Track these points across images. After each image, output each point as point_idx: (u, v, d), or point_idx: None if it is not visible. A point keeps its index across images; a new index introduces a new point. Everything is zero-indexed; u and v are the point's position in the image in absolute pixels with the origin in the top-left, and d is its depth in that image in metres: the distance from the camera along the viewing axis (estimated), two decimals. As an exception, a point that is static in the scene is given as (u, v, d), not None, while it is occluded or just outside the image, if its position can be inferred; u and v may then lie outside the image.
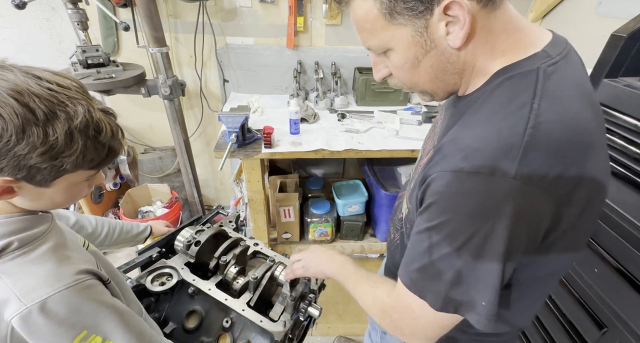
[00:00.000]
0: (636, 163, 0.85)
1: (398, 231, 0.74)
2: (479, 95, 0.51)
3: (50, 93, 0.47)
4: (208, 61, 1.97)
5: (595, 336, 0.92)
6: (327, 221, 1.93)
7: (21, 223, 0.51)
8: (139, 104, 2.09)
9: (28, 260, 0.49)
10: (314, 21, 1.86)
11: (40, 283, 0.48)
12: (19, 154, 0.45)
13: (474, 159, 0.44)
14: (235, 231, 0.98)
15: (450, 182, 0.46)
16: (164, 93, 1.64)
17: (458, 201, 0.46)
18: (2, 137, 0.44)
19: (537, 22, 1.82)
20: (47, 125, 0.46)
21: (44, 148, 0.46)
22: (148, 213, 2.13)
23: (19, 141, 0.44)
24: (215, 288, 0.79)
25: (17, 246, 0.49)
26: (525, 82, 0.46)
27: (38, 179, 0.49)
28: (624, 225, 0.86)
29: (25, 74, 0.47)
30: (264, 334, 0.75)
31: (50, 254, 0.51)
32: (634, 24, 0.90)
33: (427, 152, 0.63)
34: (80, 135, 0.49)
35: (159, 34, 1.55)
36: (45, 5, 1.76)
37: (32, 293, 0.47)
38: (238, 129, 1.41)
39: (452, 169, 0.46)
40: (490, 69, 0.50)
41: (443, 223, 0.48)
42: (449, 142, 0.50)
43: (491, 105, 0.48)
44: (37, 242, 0.51)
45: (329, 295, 1.91)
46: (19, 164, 0.46)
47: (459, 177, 0.45)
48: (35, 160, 0.46)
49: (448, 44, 0.48)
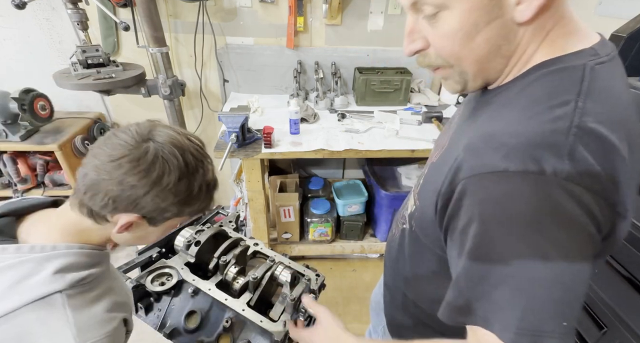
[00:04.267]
0: (636, 163, 0.85)
1: (399, 227, 0.72)
2: (511, 87, 0.46)
3: (197, 150, 0.55)
4: (208, 61, 1.97)
5: (595, 336, 0.92)
6: (327, 221, 1.93)
7: (97, 258, 0.56)
8: (139, 104, 2.09)
9: (91, 299, 0.53)
10: (314, 21, 1.86)
11: (94, 325, 0.51)
12: (165, 198, 0.52)
13: (516, 158, 0.39)
14: (235, 231, 0.98)
15: (494, 185, 0.40)
16: (164, 93, 1.64)
17: (513, 207, 0.39)
18: (163, 182, 0.51)
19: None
20: (192, 178, 0.54)
21: (182, 197, 0.54)
22: (148, 213, 2.13)
23: (172, 188, 0.52)
24: (215, 288, 0.79)
25: (89, 281, 0.53)
26: (570, 78, 0.42)
27: (157, 219, 0.56)
28: (624, 225, 0.86)
29: (176, 130, 0.55)
30: (264, 334, 0.75)
31: (105, 295, 0.55)
32: (634, 24, 0.90)
33: (440, 147, 0.58)
34: (207, 190, 0.57)
35: (159, 34, 1.55)
36: (45, 5, 1.76)
37: (87, 334, 0.49)
38: (238, 129, 1.41)
39: (492, 169, 0.40)
40: (532, 58, 0.45)
41: (507, 239, 0.39)
42: (479, 139, 0.44)
43: (528, 98, 0.43)
44: (101, 279, 0.56)
45: (329, 295, 1.92)
46: (159, 206, 0.52)
47: (504, 178, 0.39)
48: (169, 205, 0.53)
49: (513, 16, 0.41)
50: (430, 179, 0.54)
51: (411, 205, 0.63)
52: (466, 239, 0.42)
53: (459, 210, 0.44)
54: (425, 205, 0.55)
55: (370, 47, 1.95)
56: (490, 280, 0.40)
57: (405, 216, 0.67)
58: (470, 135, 0.46)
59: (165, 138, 0.52)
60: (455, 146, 0.50)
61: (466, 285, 0.43)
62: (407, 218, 0.65)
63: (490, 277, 0.40)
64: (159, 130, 0.53)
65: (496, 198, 0.40)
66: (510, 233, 0.39)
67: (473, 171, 0.42)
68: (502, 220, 0.40)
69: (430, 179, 0.55)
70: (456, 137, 0.53)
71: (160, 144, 0.51)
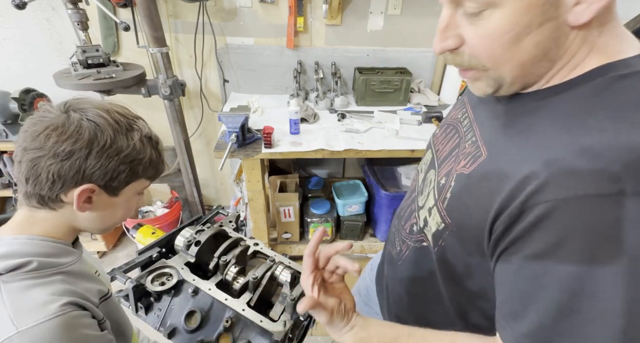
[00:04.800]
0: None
1: (408, 244, 0.65)
2: (568, 91, 0.42)
3: (125, 111, 0.57)
4: (208, 61, 1.97)
5: (595, 336, 0.92)
6: (327, 221, 1.93)
7: (50, 249, 0.53)
8: (139, 104, 2.09)
9: (33, 284, 0.50)
10: (314, 21, 1.86)
11: (33, 309, 0.48)
12: (108, 157, 0.52)
13: (629, 178, 0.33)
14: (235, 231, 0.98)
15: (601, 210, 0.34)
16: (164, 93, 1.64)
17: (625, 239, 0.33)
18: (99, 141, 0.50)
19: (537, 22, 1.82)
20: (128, 133, 0.55)
21: (126, 152, 0.54)
22: (148, 213, 2.13)
23: (111, 145, 0.52)
24: (215, 288, 0.79)
25: (34, 267, 0.50)
26: (637, 83, 0.38)
27: (114, 186, 0.55)
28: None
29: (101, 101, 0.56)
30: (264, 334, 0.75)
31: (53, 283, 0.52)
32: (634, 24, 0.90)
33: (468, 155, 0.52)
34: (149, 143, 0.58)
35: (159, 34, 1.55)
36: (45, 5, 1.76)
37: (27, 317, 0.47)
38: (238, 129, 1.42)
39: (601, 192, 0.34)
40: (584, 62, 0.41)
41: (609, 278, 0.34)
42: (572, 154, 0.37)
43: (617, 105, 0.38)
44: (54, 271, 0.53)
45: (329, 295, 1.91)
46: (107, 169, 0.52)
47: (615, 203, 0.34)
48: (118, 164, 0.53)
49: (567, 18, 0.37)
50: (472, 195, 0.48)
51: (435, 222, 0.55)
52: (544, 267, 0.38)
53: (531, 234, 0.38)
54: (465, 223, 0.49)
55: (370, 47, 1.95)
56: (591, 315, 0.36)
57: (426, 233, 0.59)
58: (547, 148, 0.39)
59: (86, 105, 0.52)
60: (508, 156, 0.44)
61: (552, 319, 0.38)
62: (428, 236, 0.58)
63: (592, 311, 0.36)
64: (77, 101, 0.53)
65: (602, 226, 0.34)
66: (616, 273, 0.34)
67: (569, 192, 0.35)
68: (607, 252, 0.34)
69: (470, 194, 0.48)
70: (500, 147, 0.47)
71: (81, 110, 0.51)
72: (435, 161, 0.63)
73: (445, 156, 0.59)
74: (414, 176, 0.73)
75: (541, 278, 0.38)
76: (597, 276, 0.35)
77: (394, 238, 0.73)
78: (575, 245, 0.36)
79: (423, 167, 0.68)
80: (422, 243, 0.60)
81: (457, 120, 0.62)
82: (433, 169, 0.63)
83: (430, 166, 0.65)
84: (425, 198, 0.61)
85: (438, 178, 0.57)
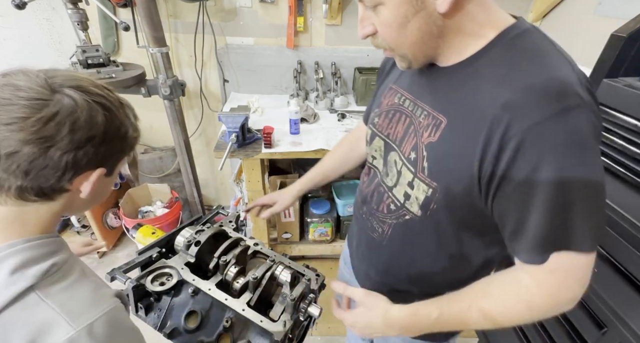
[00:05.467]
0: (636, 163, 0.85)
1: (390, 223, 0.71)
2: (484, 56, 0.53)
3: (104, 86, 0.52)
4: (208, 61, 1.97)
5: (595, 336, 0.92)
6: (327, 221, 1.93)
7: (56, 244, 0.51)
8: (139, 104, 2.08)
9: (69, 284, 0.49)
10: (314, 21, 1.86)
11: (85, 306, 0.47)
12: (120, 139, 0.51)
13: (566, 96, 0.46)
14: (235, 231, 0.98)
15: (558, 125, 0.45)
16: (164, 93, 1.64)
17: (579, 138, 0.46)
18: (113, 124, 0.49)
19: (537, 22, 1.82)
20: (123, 111, 0.52)
21: (130, 132, 0.53)
22: (148, 213, 2.13)
23: (120, 127, 0.50)
24: (215, 288, 0.79)
25: (57, 268, 0.48)
26: (537, 35, 0.53)
27: (112, 168, 0.53)
28: (624, 225, 0.86)
29: (74, 71, 0.51)
30: (264, 334, 0.75)
31: (83, 278, 0.51)
32: (634, 24, 0.90)
33: (429, 126, 0.59)
34: (135, 119, 0.56)
35: (159, 34, 1.55)
36: (45, 5, 1.76)
37: (81, 317, 0.46)
38: (238, 129, 1.42)
39: (552, 112, 0.45)
40: (483, 33, 0.54)
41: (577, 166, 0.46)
42: (519, 94, 0.48)
43: (525, 55, 0.51)
44: (68, 266, 0.51)
45: (329, 295, 1.91)
46: (115, 151, 0.51)
47: (563, 117, 0.45)
48: (124, 145, 0.52)
49: (435, 7, 0.50)
50: (449, 155, 0.56)
51: (422, 191, 0.61)
52: (535, 184, 0.47)
53: (515, 163, 0.48)
54: (452, 182, 0.57)
55: (370, 47, 1.93)
56: (572, 207, 0.47)
57: (407, 207, 0.65)
58: (497, 96, 0.50)
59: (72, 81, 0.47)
60: (467, 115, 0.54)
61: (550, 220, 0.48)
62: (413, 208, 0.64)
63: (573, 205, 0.47)
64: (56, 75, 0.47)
65: (564, 136, 0.45)
66: (584, 163, 0.46)
67: (531, 121, 0.46)
68: (575, 152, 0.46)
69: (447, 155, 0.56)
70: (455, 110, 0.56)
71: (75, 88, 0.46)
72: (391, 144, 0.70)
73: (402, 136, 0.66)
74: (367, 164, 0.81)
75: (533, 196, 0.48)
76: (570, 177, 0.46)
77: (370, 224, 0.77)
78: (550, 159, 0.46)
79: (377, 154, 0.75)
80: (405, 217, 0.67)
81: (397, 105, 0.69)
82: (393, 151, 0.69)
83: (387, 150, 0.71)
84: (395, 178, 0.67)
85: (406, 156, 0.64)
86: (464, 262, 0.69)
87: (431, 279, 0.73)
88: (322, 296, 0.89)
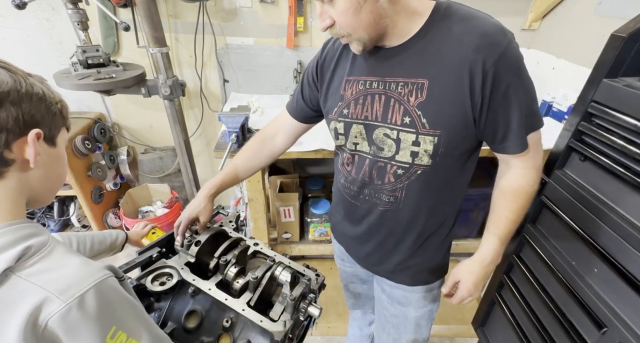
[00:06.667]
0: (636, 163, 0.85)
1: (402, 186, 0.79)
2: (435, 23, 0.68)
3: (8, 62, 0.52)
4: (208, 61, 1.97)
5: (595, 336, 0.92)
6: (327, 221, 1.93)
7: (29, 229, 0.50)
8: (139, 104, 2.10)
9: (51, 262, 0.48)
10: (314, 21, 1.87)
11: (74, 280, 0.46)
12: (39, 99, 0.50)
13: (505, 33, 0.65)
14: (235, 231, 0.98)
15: (511, 51, 0.65)
16: (164, 93, 1.64)
17: (519, 57, 0.67)
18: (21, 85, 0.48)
19: (537, 22, 1.82)
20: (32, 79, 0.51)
21: (47, 95, 0.52)
22: (148, 213, 2.13)
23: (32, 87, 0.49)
24: (215, 288, 0.79)
25: (35, 251, 0.47)
26: (459, 5, 0.69)
27: (52, 134, 0.53)
28: (624, 225, 0.86)
29: None
30: (264, 334, 0.75)
31: (68, 255, 0.50)
32: (634, 24, 0.89)
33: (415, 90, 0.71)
34: (49, 88, 0.54)
35: (159, 34, 1.55)
36: (45, 5, 1.76)
37: (69, 291, 0.45)
38: (238, 129, 1.42)
39: (506, 44, 0.64)
40: (421, 11, 0.68)
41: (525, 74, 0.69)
42: (480, 39, 0.64)
43: (462, 17, 0.67)
44: (49, 247, 0.50)
45: (329, 295, 1.92)
46: (42, 112, 0.50)
47: (511, 46, 0.65)
48: (47, 107, 0.51)
49: None
50: (442, 104, 0.69)
51: (429, 142, 0.72)
52: (510, 93, 0.67)
53: (495, 85, 0.66)
54: (452, 123, 0.70)
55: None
56: (531, 101, 0.71)
57: (417, 163, 0.75)
58: (464, 47, 0.65)
59: None
60: (446, 68, 0.67)
61: (528, 108, 0.70)
62: (423, 161, 0.75)
63: (531, 99, 0.71)
64: None
65: (515, 58, 0.66)
66: (525, 71, 0.69)
67: (497, 51, 0.64)
68: (521, 65, 0.67)
69: (440, 105, 0.69)
70: (430, 71, 0.69)
71: None
72: (372, 124, 0.77)
73: (384, 111, 0.75)
74: (346, 154, 0.86)
75: (511, 103, 0.68)
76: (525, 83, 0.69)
77: (379, 200, 0.84)
78: (514, 75, 0.66)
79: (358, 140, 0.81)
80: (417, 173, 0.77)
81: (363, 90, 0.77)
82: (380, 128, 0.76)
83: (369, 131, 0.78)
84: (394, 145, 0.75)
85: (402, 122, 0.73)
86: (456, 195, 0.87)
87: (441, 216, 0.87)
88: (322, 296, 0.89)
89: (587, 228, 0.97)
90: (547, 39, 1.82)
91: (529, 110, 0.70)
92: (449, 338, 1.74)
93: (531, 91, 0.70)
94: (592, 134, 0.97)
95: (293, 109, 0.99)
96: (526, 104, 0.70)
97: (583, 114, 1.00)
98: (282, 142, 1.02)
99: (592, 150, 0.98)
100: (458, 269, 0.85)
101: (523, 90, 0.68)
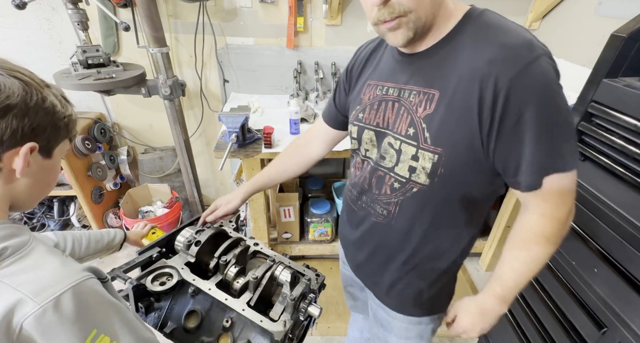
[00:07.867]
0: (636, 163, 0.85)
1: (396, 201, 0.74)
2: (457, 34, 0.62)
3: (28, 71, 0.52)
4: (208, 61, 1.97)
5: (595, 336, 0.92)
6: (327, 221, 1.93)
7: (8, 230, 0.49)
8: (139, 104, 2.10)
9: (28, 264, 0.47)
10: (314, 21, 1.87)
11: (50, 282, 0.45)
12: (46, 112, 0.50)
13: (533, 48, 0.56)
14: (235, 231, 0.98)
15: (535, 70, 0.55)
16: (164, 93, 1.64)
17: (547, 79, 0.56)
18: (32, 96, 0.48)
19: (537, 22, 1.82)
20: (49, 90, 0.52)
21: (57, 108, 0.52)
22: (148, 213, 2.13)
23: (44, 100, 0.49)
24: (215, 288, 0.79)
25: (12, 252, 0.47)
26: (494, 14, 0.63)
27: (49, 147, 0.52)
28: (624, 225, 0.86)
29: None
30: (264, 334, 0.75)
31: (48, 256, 0.49)
32: (634, 24, 0.90)
33: (423, 101, 0.65)
34: (66, 100, 0.55)
35: (159, 34, 1.55)
36: (45, 6, 1.76)
37: (44, 292, 0.44)
38: (238, 129, 1.42)
39: (529, 60, 0.55)
40: (455, 13, 0.63)
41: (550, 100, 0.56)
42: (498, 53, 0.56)
43: (491, 29, 0.60)
44: (29, 248, 0.49)
45: (329, 295, 1.92)
46: (45, 125, 0.50)
47: (537, 63, 0.55)
48: (53, 121, 0.51)
49: None
50: (448, 120, 0.62)
51: (428, 159, 0.66)
52: (524, 121, 0.56)
53: (507, 108, 0.56)
54: (455, 142, 0.62)
55: (370, 47, 1.95)
56: (553, 134, 0.57)
57: (414, 179, 0.69)
58: (480, 58, 0.58)
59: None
60: (457, 81, 0.60)
61: (551, 143, 0.58)
62: (420, 179, 0.69)
63: (553, 132, 0.57)
64: None
65: (541, 78, 0.55)
66: (555, 96, 0.56)
67: (515, 70, 0.55)
68: (547, 89, 0.56)
69: (447, 121, 0.62)
70: (444, 82, 0.63)
71: None
72: (383, 131, 0.74)
73: (395, 119, 0.71)
74: (358, 159, 0.83)
75: (524, 132, 0.57)
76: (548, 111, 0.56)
77: (374, 211, 0.80)
78: (532, 99, 0.55)
79: (369, 146, 0.78)
80: (412, 190, 0.71)
81: (380, 96, 0.74)
82: (388, 136, 0.72)
83: (379, 138, 0.75)
84: (395, 157, 0.71)
85: (405, 133, 0.68)
86: (462, 231, 0.78)
87: (438, 246, 0.79)
88: (322, 296, 0.89)
89: (587, 228, 0.97)
90: (547, 39, 1.82)
91: (553, 146, 0.58)
92: (449, 338, 1.74)
93: (561, 123, 0.57)
94: (592, 134, 0.97)
95: (326, 115, 0.99)
96: (549, 139, 0.57)
97: (583, 114, 1.00)
98: (317, 148, 1.02)
99: (592, 150, 0.98)
100: (458, 304, 0.79)
101: (547, 120, 0.56)
